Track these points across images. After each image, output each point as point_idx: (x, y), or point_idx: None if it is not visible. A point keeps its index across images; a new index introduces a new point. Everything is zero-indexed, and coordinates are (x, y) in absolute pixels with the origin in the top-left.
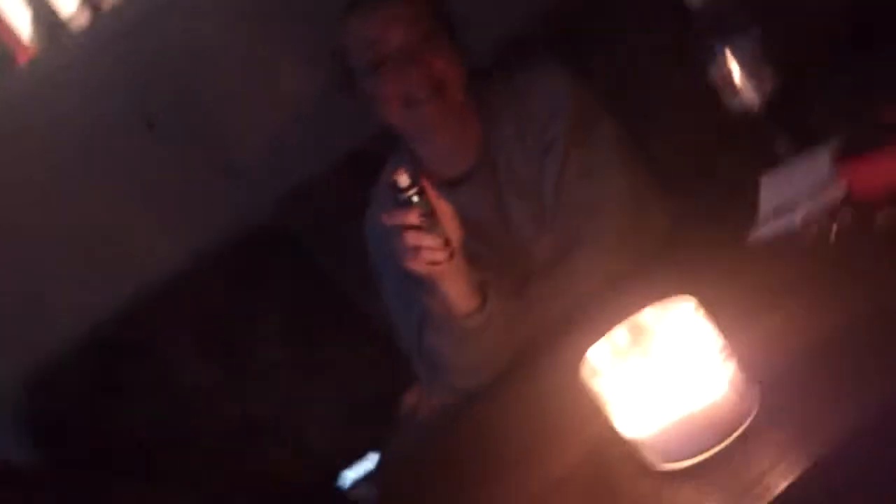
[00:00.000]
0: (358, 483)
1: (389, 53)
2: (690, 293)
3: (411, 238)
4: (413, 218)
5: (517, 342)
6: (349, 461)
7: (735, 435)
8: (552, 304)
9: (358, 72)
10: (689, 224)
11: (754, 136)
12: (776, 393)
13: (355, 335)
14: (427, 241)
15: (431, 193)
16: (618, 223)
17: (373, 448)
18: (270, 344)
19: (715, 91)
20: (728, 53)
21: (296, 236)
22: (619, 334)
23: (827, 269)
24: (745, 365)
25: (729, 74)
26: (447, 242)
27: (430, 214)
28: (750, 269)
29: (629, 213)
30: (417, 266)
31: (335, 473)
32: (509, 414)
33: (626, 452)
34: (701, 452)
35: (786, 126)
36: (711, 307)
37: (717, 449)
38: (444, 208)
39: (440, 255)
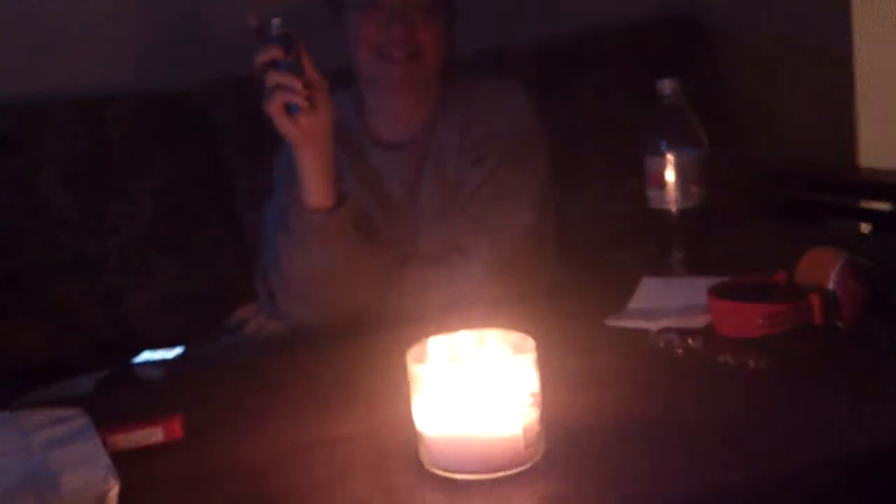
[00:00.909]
0: (150, 364)
1: (385, 2)
2: (535, 339)
3: (272, 76)
4: (277, 52)
5: (356, 293)
6: (154, 343)
7: (501, 473)
8: (414, 290)
9: (349, 3)
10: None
11: (657, 236)
12: (563, 459)
13: (220, 235)
14: (287, 79)
15: (304, 55)
16: (509, 252)
17: (180, 342)
18: (138, 202)
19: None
20: (671, 155)
21: (215, 120)
22: (458, 337)
23: (663, 378)
24: (546, 421)
25: (661, 172)
26: (308, 96)
27: (298, 68)
28: (595, 347)
29: (522, 248)
30: (274, 107)
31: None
32: (327, 363)
33: (408, 440)
34: (468, 472)
35: (685, 246)
36: (545, 359)
37: (482, 476)
38: (316, 77)
39: (298, 99)
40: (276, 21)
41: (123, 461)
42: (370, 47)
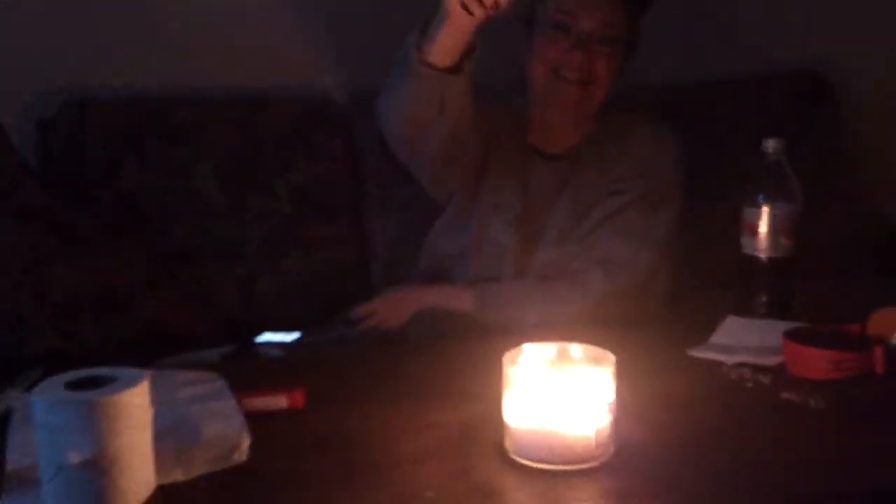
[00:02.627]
0: (270, 344)
1: (574, 27)
2: (619, 358)
3: None
4: None
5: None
6: (276, 326)
7: (573, 466)
8: (521, 302)
9: (539, 19)
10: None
11: (746, 280)
12: (628, 462)
13: (346, 234)
14: None
15: None
16: (621, 289)
17: (298, 328)
18: (278, 198)
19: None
20: (766, 207)
21: (357, 129)
22: (548, 348)
23: (730, 406)
24: (618, 429)
25: (756, 222)
26: (495, 5)
27: None
28: (673, 372)
29: (634, 288)
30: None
31: (260, 329)
32: (431, 361)
33: (497, 431)
34: (543, 462)
35: (771, 292)
36: (626, 376)
37: (556, 467)
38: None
39: (479, 12)
40: None
41: (252, 421)
42: (548, 66)
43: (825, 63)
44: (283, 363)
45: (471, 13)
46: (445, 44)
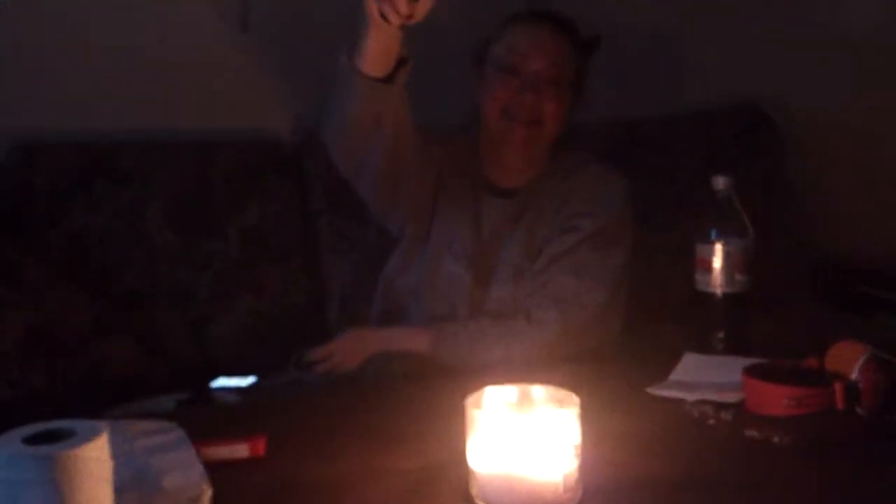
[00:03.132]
0: (226, 389)
1: (523, 69)
2: (581, 399)
3: None
4: None
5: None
6: (230, 369)
7: None
8: (475, 342)
9: (489, 61)
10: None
11: (701, 316)
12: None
13: (298, 273)
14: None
15: None
16: (575, 326)
17: (253, 370)
18: (229, 240)
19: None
20: (719, 244)
21: (305, 167)
22: (510, 390)
23: (693, 445)
24: (584, 472)
25: (709, 258)
26: (409, 16)
27: None
28: (635, 411)
29: (588, 325)
30: (371, 4)
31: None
32: (392, 404)
33: (462, 475)
34: None
35: (727, 328)
36: (588, 417)
37: None
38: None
39: (402, 7)
40: None
41: (211, 470)
42: (499, 106)
43: (766, 98)
44: (240, 409)
45: (388, 21)
46: (372, 51)
